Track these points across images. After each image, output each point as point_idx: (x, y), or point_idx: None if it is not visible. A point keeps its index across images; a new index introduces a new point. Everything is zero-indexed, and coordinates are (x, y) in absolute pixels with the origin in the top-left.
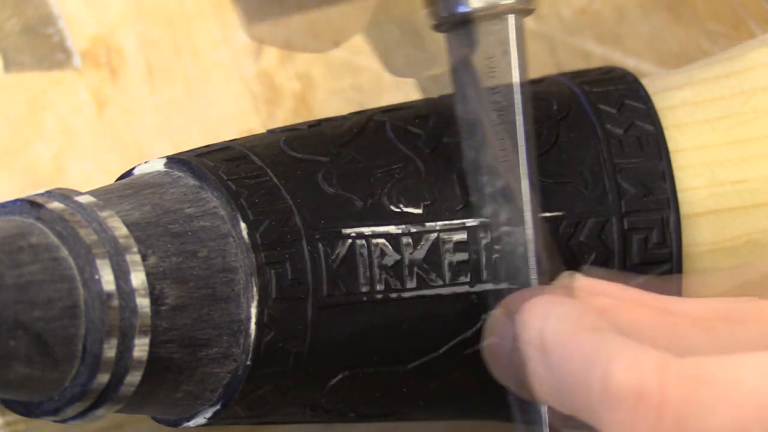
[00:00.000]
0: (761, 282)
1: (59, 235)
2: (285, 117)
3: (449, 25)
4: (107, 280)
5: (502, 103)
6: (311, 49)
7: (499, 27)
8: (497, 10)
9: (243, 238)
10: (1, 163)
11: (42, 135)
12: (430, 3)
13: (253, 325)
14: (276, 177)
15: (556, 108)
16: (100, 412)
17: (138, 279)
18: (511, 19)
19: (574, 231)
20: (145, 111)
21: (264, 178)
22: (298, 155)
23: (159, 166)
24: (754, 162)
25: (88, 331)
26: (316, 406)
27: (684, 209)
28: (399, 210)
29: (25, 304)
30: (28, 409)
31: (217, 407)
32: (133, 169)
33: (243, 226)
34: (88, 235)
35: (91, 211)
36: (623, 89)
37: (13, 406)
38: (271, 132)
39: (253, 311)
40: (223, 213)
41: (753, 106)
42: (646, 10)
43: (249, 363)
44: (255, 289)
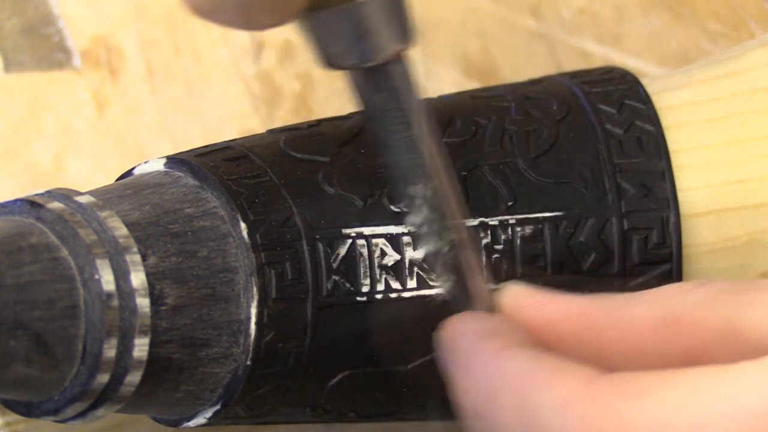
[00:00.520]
0: None
1: (59, 235)
2: (285, 117)
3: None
4: (107, 280)
5: (405, 138)
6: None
7: (381, 77)
8: (374, 63)
9: (243, 238)
10: (1, 163)
11: (42, 135)
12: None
13: (253, 325)
14: (276, 177)
15: (555, 108)
16: (100, 412)
17: (138, 279)
18: (394, 66)
19: (574, 231)
20: (145, 111)
21: (264, 178)
22: (298, 155)
23: (159, 166)
24: (754, 162)
25: (87, 331)
26: (316, 406)
27: (684, 209)
28: (399, 210)
29: (25, 304)
30: (28, 409)
31: (217, 407)
32: (133, 169)
33: (243, 226)
34: (88, 235)
35: (91, 211)
36: (623, 89)
37: (13, 406)
38: (271, 132)
39: (253, 311)
40: (222, 213)
41: (753, 106)
42: (646, 10)
43: (249, 363)
44: (255, 289)
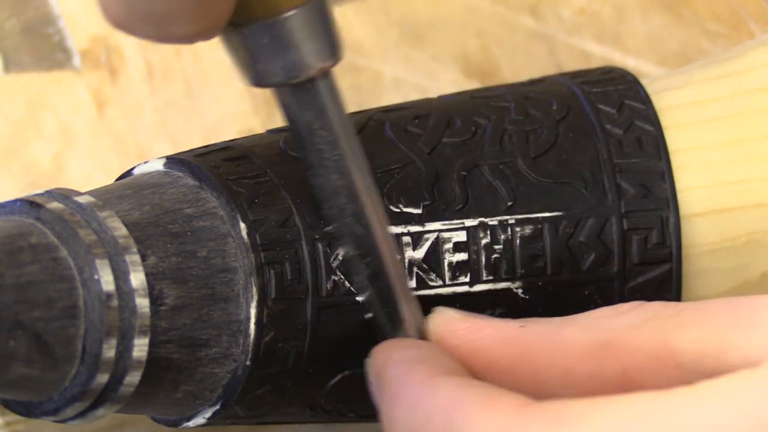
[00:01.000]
0: (761, 282)
1: (59, 235)
2: None
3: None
4: (107, 280)
5: (332, 158)
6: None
7: (307, 94)
8: (300, 80)
9: (242, 238)
10: (1, 163)
11: (42, 135)
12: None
13: (252, 325)
14: (276, 177)
15: (555, 108)
16: (100, 412)
17: (137, 279)
18: (320, 83)
19: (574, 231)
20: (144, 111)
21: (264, 178)
22: (298, 155)
23: (158, 166)
24: (754, 162)
25: (87, 331)
26: (315, 406)
27: (684, 209)
28: (398, 210)
29: (24, 304)
30: (28, 409)
31: (217, 407)
32: (132, 169)
33: (242, 226)
34: (88, 235)
35: (90, 212)
36: (623, 89)
37: (13, 406)
38: (271, 132)
39: (253, 311)
40: (222, 213)
41: (753, 106)
42: (646, 10)
43: (248, 363)
44: (254, 289)
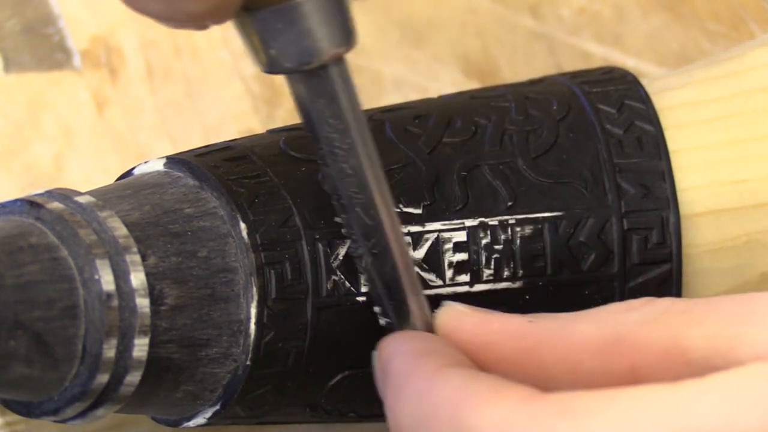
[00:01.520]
0: (761, 282)
1: (59, 235)
2: (285, 117)
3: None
4: (107, 280)
5: (343, 147)
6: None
7: (320, 81)
8: (313, 66)
9: (243, 238)
10: (1, 163)
11: (42, 135)
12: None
13: (252, 325)
14: (276, 177)
15: (555, 108)
16: (100, 412)
17: (137, 279)
18: (333, 69)
19: (574, 231)
20: (144, 111)
21: (264, 178)
22: (298, 155)
23: (159, 166)
24: (754, 162)
25: (87, 331)
26: (315, 406)
27: (684, 209)
28: (399, 210)
29: (24, 304)
30: (28, 409)
31: (217, 407)
32: (132, 169)
33: (243, 226)
34: (88, 235)
35: (90, 212)
36: (623, 89)
37: (14, 406)
38: (271, 132)
39: (253, 311)
40: (222, 213)
41: (753, 106)
42: (646, 10)
43: (249, 363)
44: (255, 289)
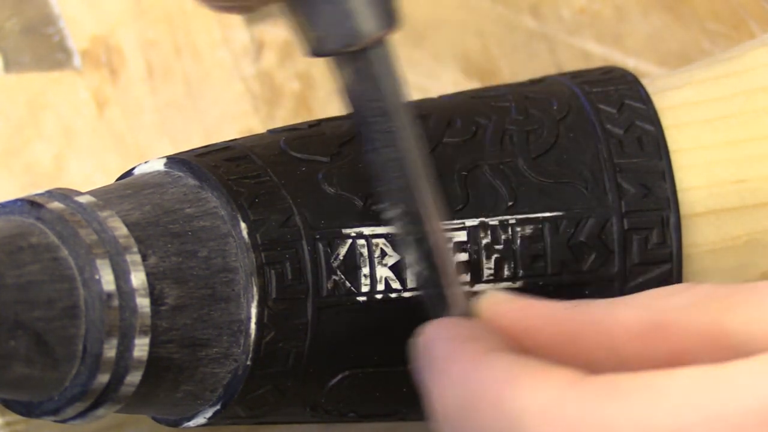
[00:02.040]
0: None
1: (59, 235)
2: (285, 117)
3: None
4: (107, 280)
5: (386, 131)
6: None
7: (363, 63)
8: (356, 48)
9: (243, 238)
10: (1, 163)
11: (42, 135)
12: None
13: (253, 325)
14: (276, 177)
15: (556, 108)
16: (101, 412)
17: (138, 279)
18: (376, 52)
19: (574, 231)
20: (145, 111)
21: (264, 178)
22: (299, 155)
23: (159, 166)
24: (755, 162)
25: (88, 331)
26: (316, 406)
27: (684, 209)
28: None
29: (25, 304)
30: (28, 409)
31: (217, 407)
32: (133, 169)
33: (243, 226)
34: (88, 235)
35: (91, 211)
36: (623, 89)
37: (14, 406)
38: (272, 132)
39: (253, 311)
40: (223, 213)
41: (753, 106)
42: (647, 10)
43: (249, 363)
44: (255, 289)
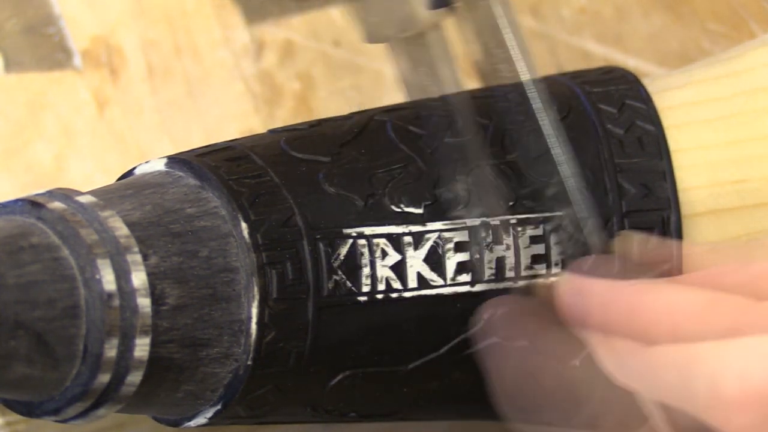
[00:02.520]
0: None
1: (60, 235)
2: (285, 117)
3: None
4: (108, 280)
5: (444, 115)
6: (312, 49)
7: (418, 48)
8: (411, 32)
9: (244, 238)
10: (2, 163)
11: (42, 135)
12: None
13: (254, 325)
14: (277, 177)
15: (556, 108)
16: (101, 411)
17: (139, 279)
18: (430, 36)
19: (575, 231)
20: (145, 111)
21: (265, 178)
22: (299, 155)
23: (160, 166)
24: (755, 162)
25: (88, 330)
26: (316, 405)
27: (685, 209)
28: (400, 210)
29: (26, 304)
30: (28, 409)
31: (218, 407)
32: (133, 169)
33: (244, 226)
34: (89, 235)
35: (91, 211)
36: (624, 89)
37: (14, 406)
38: (272, 132)
39: (254, 311)
40: (224, 213)
41: (753, 106)
42: (647, 10)
43: (250, 363)
44: (256, 288)
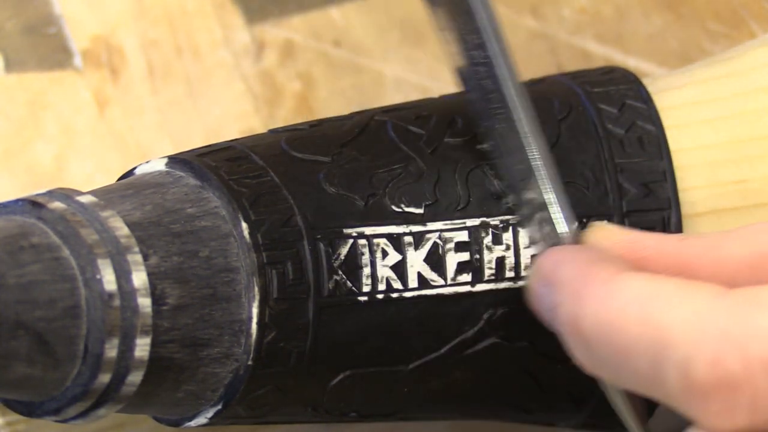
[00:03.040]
0: None
1: (60, 235)
2: (286, 117)
3: None
4: (108, 280)
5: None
6: (312, 49)
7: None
8: None
9: (244, 237)
10: (2, 163)
11: (43, 135)
12: None
13: (254, 325)
14: (277, 177)
15: (557, 108)
16: (102, 411)
17: (139, 279)
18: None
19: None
20: (146, 111)
21: (265, 177)
22: (300, 155)
23: (160, 165)
24: (755, 162)
25: (89, 330)
26: (317, 405)
27: (685, 209)
28: (400, 210)
29: (26, 304)
30: (29, 409)
31: (219, 407)
32: (134, 168)
33: (244, 225)
34: (90, 235)
35: (92, 211)
36: (624, 89)
37: (15, 406)
38: (273, 132)
39: (255, 311)
40: (224, 213)
41: (754, 106)
42: (647, 10)
43: (250, 363)
44: (256, 288)
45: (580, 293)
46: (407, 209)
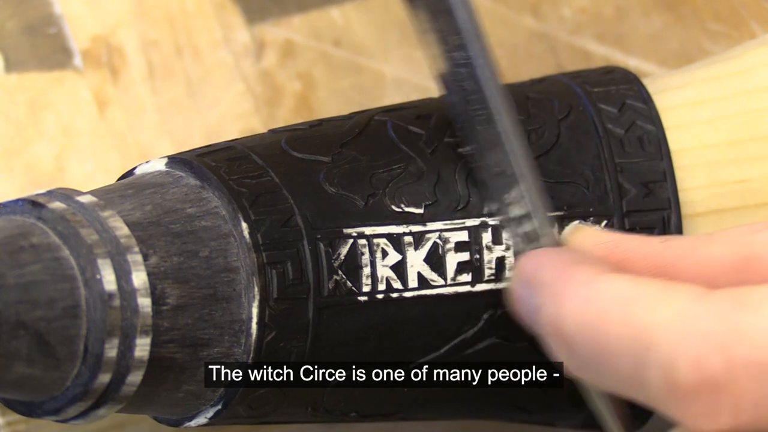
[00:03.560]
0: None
1: (61, 235)
2: (286, 117)
3: None
4: (108, 280)
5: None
6: (312, 49)
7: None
8: None
9: (244, 237)
10: (2, 163)
11: (43, 135)
12: None
13: (254, 325)
14: (277, 177)
15: (557, 108)
16: (102, 411)
17: (139, 279)
18: None
19: None
20: (146, 111)
21: (265, 177)
22: (300, 155)
23: (160, 165)
24: (756, 162)
25: (89, 330)
26: (317, 405)
27: (685, 209)
28: (400, 210)
29: (26, 304)
30: (29, 409)
31: (219, 407)
32: (134, 168)
33: (244, 225)
34: (90, 234)
35: (92, 211)
36: (624, 89)
37: (15, 406)
38: (273, 132)
39: (255, 311)
40: (224, 213)
41: (754, 105)
42: (647, 10)
43: (250, 363)
44: (256, 288)
45: (561, 294)
46: (407, 209)
